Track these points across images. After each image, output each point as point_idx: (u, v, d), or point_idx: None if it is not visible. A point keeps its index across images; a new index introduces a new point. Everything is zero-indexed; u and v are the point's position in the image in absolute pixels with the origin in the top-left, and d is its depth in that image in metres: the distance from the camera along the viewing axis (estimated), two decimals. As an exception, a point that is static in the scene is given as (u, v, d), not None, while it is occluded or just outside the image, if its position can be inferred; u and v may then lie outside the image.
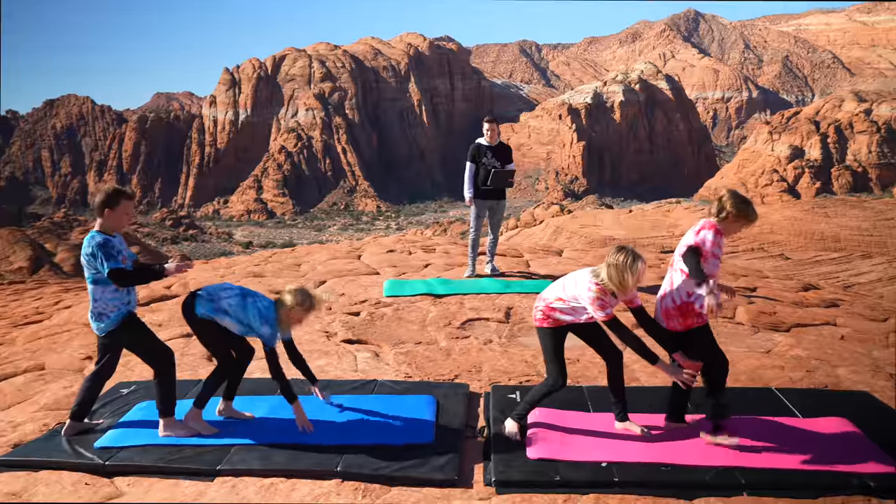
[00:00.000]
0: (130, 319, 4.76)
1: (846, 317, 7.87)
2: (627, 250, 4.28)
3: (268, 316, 4.60)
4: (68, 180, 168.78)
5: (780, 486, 4.00)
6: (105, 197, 4.58)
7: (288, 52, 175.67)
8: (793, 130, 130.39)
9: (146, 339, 4.80)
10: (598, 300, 4.32)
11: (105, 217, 4.58)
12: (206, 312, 4.62)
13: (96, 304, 4.64)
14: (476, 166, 8.65)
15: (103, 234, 4.58)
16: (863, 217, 60.67)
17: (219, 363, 4.78)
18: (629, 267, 4.21)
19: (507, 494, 4.00)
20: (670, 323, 4.46)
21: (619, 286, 4.27)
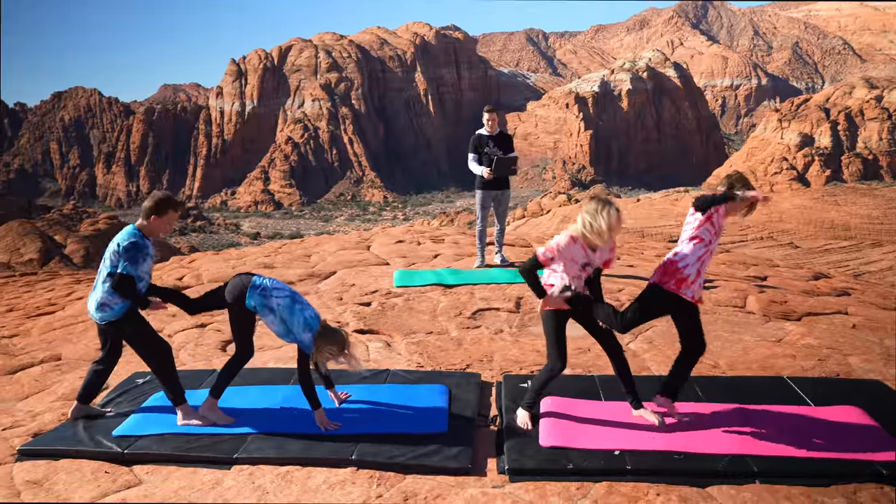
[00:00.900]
0: (133, 312, 4.83)
1: (858, 305, 7.86)
2: (600, 199, 4.33)
3: (312, 325, 4.61)
4: (77, 172, 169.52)
5: (793, 474, 4.02)
6: (154, 204, 4.68)
7: (294, 42, 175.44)
8: (802, 118, 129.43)
9: (146, 333, 4.86)
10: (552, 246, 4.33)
11: (150, 221, 4.68)
12: (254, 305, 4.64)
13: (103, 294, 4.68)
14: (478, 156, 8.66)
15: (143, 236, 4.66)
16: (873, 205, 60.31)
17: (238, 353, 4.80)
18: (600, 212, 4.23)
19: (521, 482, 4.04)
20: (654, 276, 4.52)
21: (593, 232, 4.27)
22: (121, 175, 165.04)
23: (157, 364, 4.81)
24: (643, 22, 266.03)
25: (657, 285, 4.48)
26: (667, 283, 4.44)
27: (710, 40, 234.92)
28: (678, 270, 4.42)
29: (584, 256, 4.38)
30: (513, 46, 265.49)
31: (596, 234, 4.26)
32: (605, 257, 4.47)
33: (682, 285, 4.43)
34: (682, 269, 4.41)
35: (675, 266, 4.43)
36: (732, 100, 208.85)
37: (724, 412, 4.72)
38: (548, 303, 4.41)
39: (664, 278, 4.45)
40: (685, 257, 4.41)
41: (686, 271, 4.41)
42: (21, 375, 6.30)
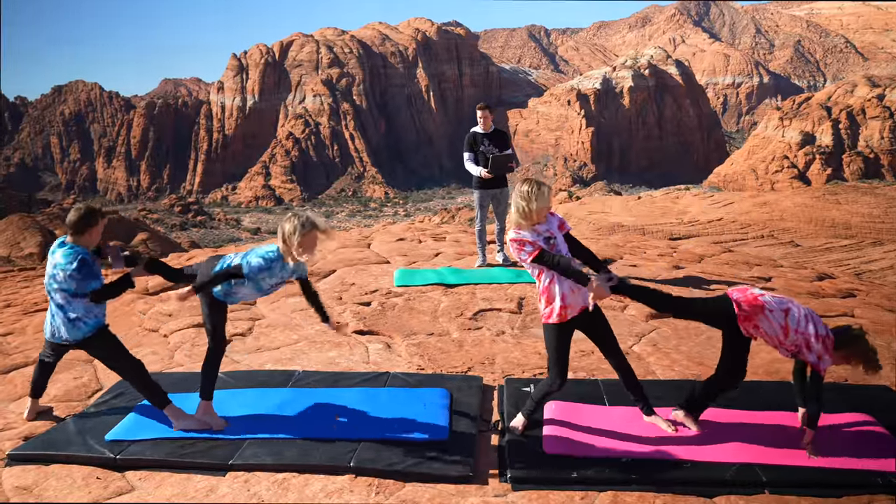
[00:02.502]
0: (106, 330, 4.76)
1: (863, 308, 7.75)
2: (529, 180, 4.28)
3: (268, 252, 4.36)
4: (77, 166, 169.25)
5: (803, 484, 3.93)
6: (84, 216, 4.58)
7: (295, 37, 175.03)
8: (804, 116, 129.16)
9: (118, 347, 4.78)
10: (517, 246, 4.22)
11: (86, 235, 4.59)
12: (219, 290, 4.50)
13: (73, 312, 4.58)
14: (474, 155, 8.54)
15: (86, 252, 4.57)
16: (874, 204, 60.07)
17: (212, 346, 4.63)
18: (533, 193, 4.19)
19: (523, 491, 3.94)
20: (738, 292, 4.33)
21: (528, 213, 4.20)
22: (121, 169, 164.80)
23: (132, 374, 4.74)
24: (645, 19, 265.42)
25: (731, 304, 4.25)
26: (740, 308, 4.22)
27: (712, 38, 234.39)
28: (759, 311, 4.21)
29: (543, 232, 4.26)
30: (514, 43, 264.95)
31: (531, 215, 4.22)
32: (553, 223, 4.35)
33: (746, 321, 4.22)
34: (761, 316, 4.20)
35: (760, 308, 4.20)
36: (734, 97, 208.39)
37: (731, 419, 4.61)
38: (595, 292, 4.12)
39: (744, 304, 4.22)
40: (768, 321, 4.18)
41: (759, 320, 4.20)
42: (14, 375, 6.19)
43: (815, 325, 4.18)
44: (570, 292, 4.25)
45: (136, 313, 7.78)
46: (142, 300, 8.21)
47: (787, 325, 4.17)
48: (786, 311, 4.20)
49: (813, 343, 4.13)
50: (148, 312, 7.63)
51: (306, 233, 4.25)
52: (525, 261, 4.23)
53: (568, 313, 4.26)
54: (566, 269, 4.18)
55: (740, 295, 4.27)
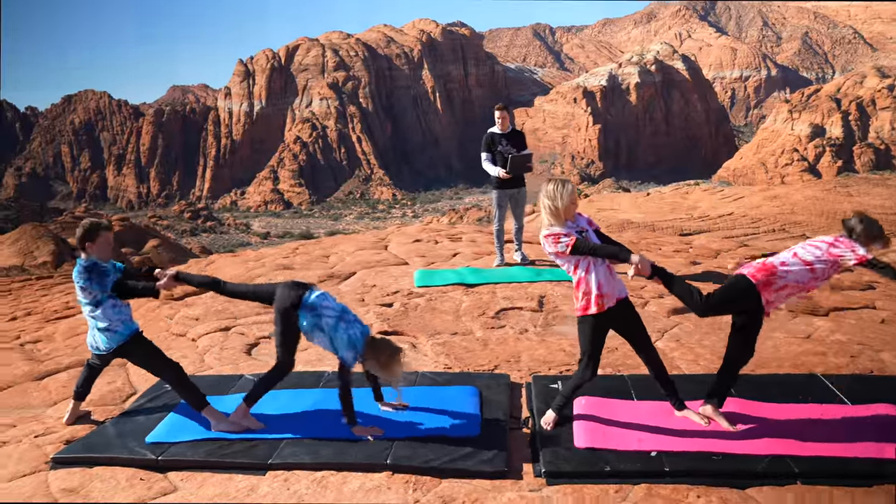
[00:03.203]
0: (140, 335, 4.92)
1: (884, 299, 7.76)
2: (553, 179, 4.38)
3: (356, 345, 4.55)
4: (88, 175, 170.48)
5: (834, 475, 3.97)
6: (84, 232, 4.72)
7: (301, 41, 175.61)
8: (813, 108, 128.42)
9: (154, 351, 4.94)
10: (552, 241, 4.31)
11: (87, 250, 4.72)
12: (305, 325, 4.59)
13: (102, 321, 4.76)
14: (492, 155, 8.61)
15: (89, 260, 4.71)
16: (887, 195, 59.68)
17: (279, 364, 4.71)
18: (559, 191, 4.29)
19: (558, 485, 4.01)
20: (746, 268, 4.41)
21: (557, 211, 4.30)
22: (131, 177, 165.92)
23: (170, 375, 4.88)
24: (650, 15, 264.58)
25: (747, 279, 4.33)
26: (756, 280, 4.30)
27: (718, 32, 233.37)
28: (773, 275, 4.29)
29: (573, 228, 4.35)
30: (519, 42, 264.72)
31: (559, 213, 4.31)
32: (583, 221, 4.45)
33: (765, 289, 4.30)
34: (776, 278, 4.28)
35: (773, 271, 4.30)
36: (742, 91, 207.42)
37: (760, 411, 4.67)
38: (640, 264, 4.23)
39: (757, 273, 4.32)
40: (788, 272, 4.27)
41: (778, 280, 4.29)
42: (48, 381, 6.32)
43: (823, 241, 4.31)
44: (606, 281, 4.34)
45: (162, 318, 7.90)
46: (167, 305, 8.33)
47: (808, 261, 4.26)
48: (794, 254, 4.32)
49: (836, 252, 4.21)
50: (175, 317, 7.75)
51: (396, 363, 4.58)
52: (563, 254, 4.29)
53: (605, 302, 4.33)
54: (606, 251, 4.28)
55: (749, 269, 4.37)
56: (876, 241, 4.23)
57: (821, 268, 4.26)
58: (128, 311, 4.93)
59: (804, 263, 4.26)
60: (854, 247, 4.21)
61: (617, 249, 4.30)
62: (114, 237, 5.00)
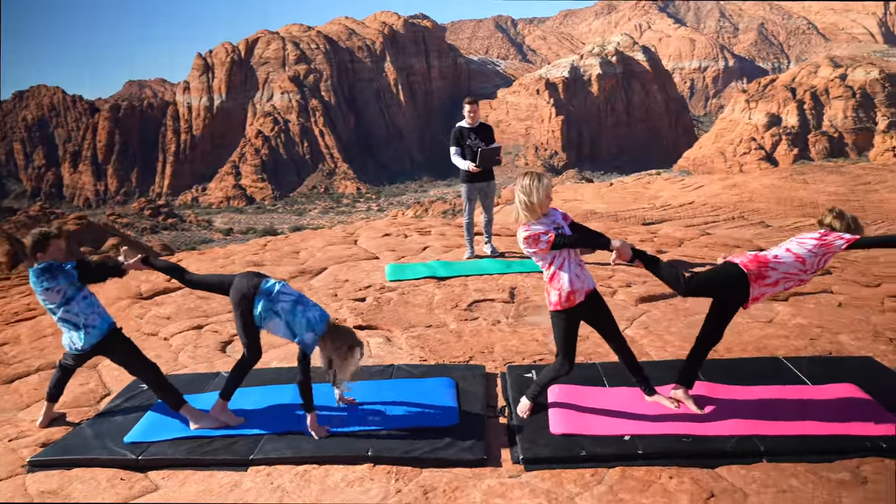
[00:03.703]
0: (118, 331, 4.89)
1: (841, 284, 8.07)
2: (530, 173, 4.42)
3: (315, 326, 4.57)
4: (42, 173, 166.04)
5: (798, 452, 4.16)
6: (34, 243, 4.71)
7: (261, 34, 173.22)
8: (769, 98, 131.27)
9: (133, 349, 4.91)
10: (532, 241, 4.36)
11: (39, 260, 4.71)
12: (260, 312, 4.63)
13: (78, 318, 4.73)
14: (461, 149, 8.69)
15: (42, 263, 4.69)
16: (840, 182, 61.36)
17: (246, 355, 4.77)
18: (534, 186, 4.34)
19: (536, 471, 4.13)
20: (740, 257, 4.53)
21: (532, 206, 4.36)
22: (88, 174, 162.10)
23: (148, 376, 4.86)
24: (611, 6, 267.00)
25: (740, 268, 4.45)
26: (748, 270, 4.42)
27: (677, 23, 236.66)
28: (765, 267, 4.41)
29: (549, 224, 4.42)
30: (482, 34, 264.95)
31: (534, 208, 4.36)
32: (557, 215, 4.52)
33: (756, 281, 4.42)
34: (769, 270, 4.41)
35: (766, 263, 4.42)
36: (700, 82, 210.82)
37: (727, 394, 4.85)
38: (620, 250, 4.32)
39: (750, 264, 4.44)
40: (780, 264, 4.40)
41: (770, 274, 4.41)
42: (18, 384, 6.23)
43: (810, 236, 4.47)
44: (577, 278, 4.44)
45: (132, 318, 7.82)
46: (137, 304, 8.25)
47: (799, 254, 4.42)
48: (787, 249, 4.48)
49: (827, 241, 4.39)
50: (145, 316, 7.69)
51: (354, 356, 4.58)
52: (543, 251, 4.37)
53: (575, 298, 4.44)
54: (586, 242, 4.40)
55: (743, 258, 4.51)
56: (853, 229, 4.44)
57: (811, 260, 4.41)
58: (100, 305, 4.89)
59: (796, 256, 4.41)
60: (839, 234, 4.41)
61: (596, 238, 4.41)
62: (67, 241, 4.96)
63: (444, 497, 3.91)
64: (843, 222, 4.46)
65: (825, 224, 4.51)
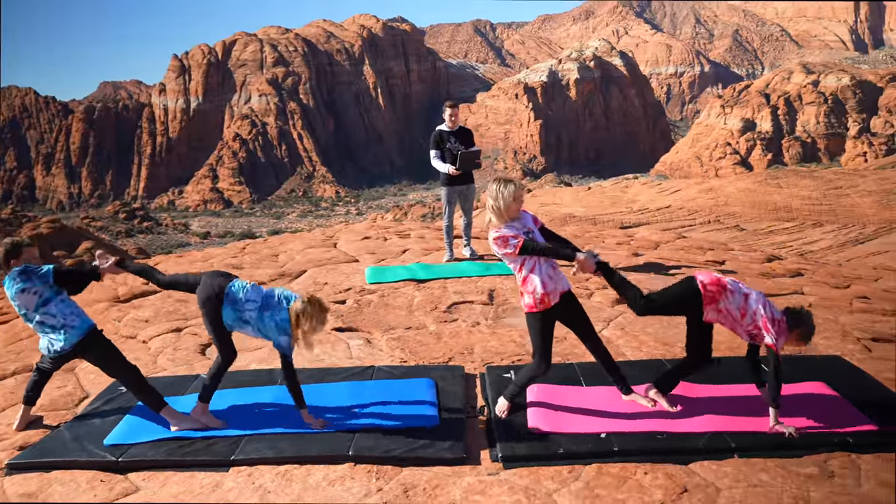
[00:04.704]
0: (98, 332, 4.87)
1: (811, 285, 8.26)
2: (498, 178, 4.52)
3: (285, 328, 4.59)
4: (14, 175, 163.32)
5: (768, 448, 4.28)
6: (5, 252, 4.74)
7: (238, 36, 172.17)
8: (744, 104, 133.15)
9: (112, 351, 4.90)
10: (500, 243, 4.44)
11: (12, 268, 4.72)
12: (230, 323, 4.64)
13: (56, 319, 4.71)
14: (440, 152, 8.77)
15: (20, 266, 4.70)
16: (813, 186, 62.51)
17: (221, 356, 4.78)
18: (501, 191, 4.44)
19: (515, 468, 4.20)
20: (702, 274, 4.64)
21: (500, 211, 4.45)
22: (61, 177, 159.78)
23: (128, 377, 4.85)
24: (588, 11, 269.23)
25: (696, 282, 4.53)
26: (705, 288, 4.50)
27: (653, 29, 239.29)
28: (723, 290, 4.49)
29: (518, 228, 4.50)
30: (461, 38, 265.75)
31: (505, 212, 4.45)
32: (528, 219, 4.60)
33: (710, 304, 4.51)
34: (723, 296, 4.49)
35: (724, 286, 4.50)
36: (677, 87, 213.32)
37: (700, 392, 4.97)
38: (583, 264, 4.38)
39: (709, 285, 4.50)
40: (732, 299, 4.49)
41: (721, 301, 4.49)
42: (-6, 388, 6.17)
43: (772, 309, 4.53)
44: (549, 279, 4.52)
45: (110, 321, 7.77)
46: (115, 307, 8.20)
47: (746, 307, 4.50)
48: (745, 295, 4.54)
49: (769, 325, 4.46)
50: (123, 319, 7.65)
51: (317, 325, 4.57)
52: (511, 254, 4.45)
53: (550, 300, 4.52)
54: (552, 252, 4.45)
55: (705, 277, 4.60)
56: (803, 339, 4.53)
57: (748, 321, 4.49)
58: (77, 306, 4.88)
59: (742, 306, 4.47)
60: (781, 334, 4.45)
61: (563, 250, 4.47)
62: (38, 250, 4.96)
63: (424, 495, 3.97)
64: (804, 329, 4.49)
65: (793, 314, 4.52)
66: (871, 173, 69.04)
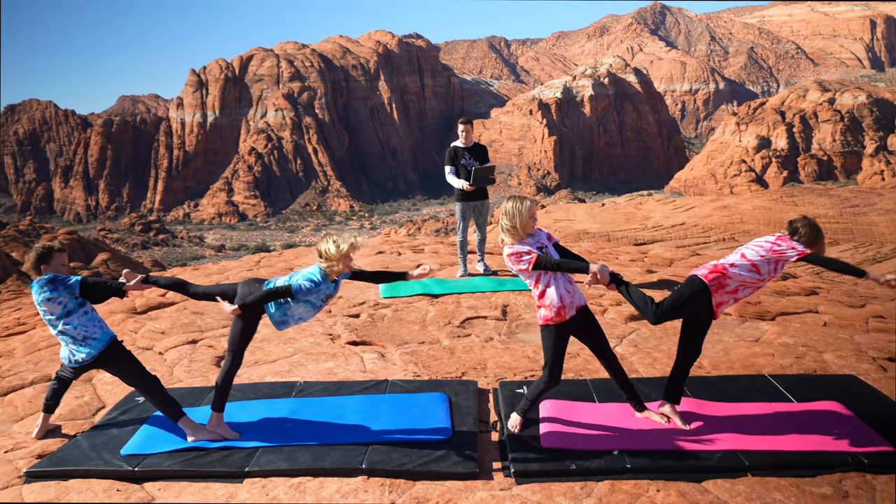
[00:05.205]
0: (119, 344, 4.96)
1: (826, 304, 8.21)
2: (512, 197, 4.58)
3: (312, 273, 4.61)
4: (33, 187, 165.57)
5: (781, 467, 4.26)
6: (38, 256, 4.82)
7: (255, 52, 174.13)
8: (759, 121, 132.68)
9: (133, 361, 4.97)
10: (515, 258, 4.50)
11: (42, 273, 4.82)
12: (276, 315, 4.69)
13: (77, 331, 4.79)
14: (455, 168, 8.85)
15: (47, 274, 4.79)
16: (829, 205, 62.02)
17: (232, 361, 4.81)
18: (517, 209, 4.50)
19: (527, 484, 4.21)
20: (700, 269, 4.66)
21: (515, 229, 4.51)
22: (79, 189, 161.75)
23: (149, 388, 4.91)
24: (603, 29, 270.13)
25: (702, 280, 4.57)
26: (709, 280, 4.54)
27: (668, 46, 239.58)
28: (724, 276, 4.54)
29: (532, 244, 4.55)
30: (475, 54, 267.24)
31: (519, 230, 4.51)
32: (542, 236, 4.65)
33: (717, 291, 4.55)
34: (726, 279, 4.53)
35: (724, 271, 4.55)
36: (692, 104, 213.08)
37: (713, 410, 4.96)
38: (599, 274, 4.42)
39: (709, 275, 4.56)
40: (737, 274, 4.53)
41: (728, 283, 4.54)
42: (13, 397, 6.26)
43: (766, 241, 4.60)
44: (567, 293, 4.56)
45: (127, 332, 7.87)
46: (132, 319, 8.29)
47: (754, 261, 4.55)
48: (741, 255, 4.61)
49: (779, 249, 4.50)
50: (139, 331, 7.74)
51: (347, 251, 4.55)
52: (526, 270, 4.50)
53: (566, 313, 4.55)
54: (567, 266, 4.49)
55: (703, 270, 4.65)
56: (816, 244, 4.57)
57: (765, 267, 4.55)
58: (99, 317, 4.96)
59: (750, 263, 4.55)
60: (793, 244, 4.53)
61: (577, 264, 4.52)
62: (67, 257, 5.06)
63: (436, 509, 3.98)
64: (811, 231, 4.54)
65: (792, 227, 4.61)
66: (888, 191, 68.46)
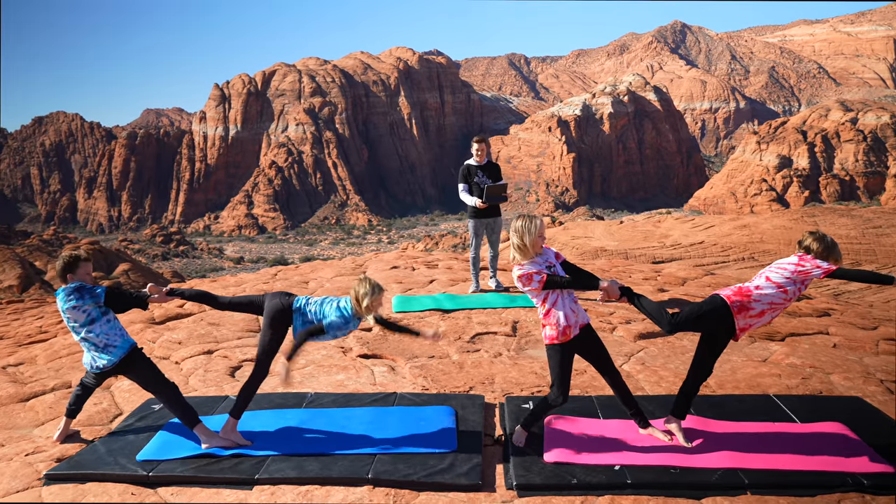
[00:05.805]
0: (140, 351, 5.13)
1: (838, 326, 8.22)
2: (522, 216, 4.68)
3: (345, 310, 4.79)
4: (57, 198, 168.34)
5: (781, 486, 4.31)
6: (64, 264, 5.01)
7: (277, 67, 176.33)
8: (780, 140, 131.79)
9: (152, 369, 5.14)
10: (525, 280, 4.59)
11: (68, 281, 5.01)
12: (300, 327, 4.87)
13: (99, 339, 4.98)
14: (468, 186, 9.00)
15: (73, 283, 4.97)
16: (851, 225, 61.37)
17: (256, 372, 4.97)
18: (526, 228, 4.59)
19: (529, 497, 4.30)
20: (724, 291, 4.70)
21: (525, 248, 4.61)
22: (102, 200, 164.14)
23: (166, 395, 5.07)
24: (623, 47, 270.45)
25: (723, 299, 4.63)
26: (732, 301, 4.60)
27: (688, 64, 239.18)
28: (748, 299, 4.59)
29: (541, 263, 4.65)
30: (495, 71, 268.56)
31: (528, 248, 4.61)
32: (550, 254, 4.75)
33: (740, 313, 4.60)
34: (752, 302, 4.59)
35: (749, 295, 4.60)
36: (712, 122, 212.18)
37: (716, 428, 5.02)
38: (608, 289, 4.51)
39: (733, 296, 4.63)
40: (763, 295, 4.59)
41: (754, 306, 4.59)
42: (34, 403, 6.46)
43: (789, 263, 4.64)
44: (572, 313, 4.66)
45: (144, 342, 8.07)
46: (150, 329, 8.50)
47: (780, 283, 4.60)
48: (766, 278, 4.65)
49: (804, 269, 4.54)
50: (157, 341, 7.93)
51: (376, 297, 4.76)
52: (536, 290, 4.61)
53: (571, 332, 4.65)
54: (576, 284, 4.59)
55: (728, 292, 4.69)
56: (831, 255, 4.62)
57: (792, 288, 4.60)
58: (121, 326, 5.14)
59: (777, 286, 4.60)
60: (817, 263, 4.58)
61: (586, 280, 4.62)
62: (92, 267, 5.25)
63: (439, 519, 4.08)
64: (821, 245, 4.60)
65: (803, 246, 4.68)
66: (911, 213, 67.55)
